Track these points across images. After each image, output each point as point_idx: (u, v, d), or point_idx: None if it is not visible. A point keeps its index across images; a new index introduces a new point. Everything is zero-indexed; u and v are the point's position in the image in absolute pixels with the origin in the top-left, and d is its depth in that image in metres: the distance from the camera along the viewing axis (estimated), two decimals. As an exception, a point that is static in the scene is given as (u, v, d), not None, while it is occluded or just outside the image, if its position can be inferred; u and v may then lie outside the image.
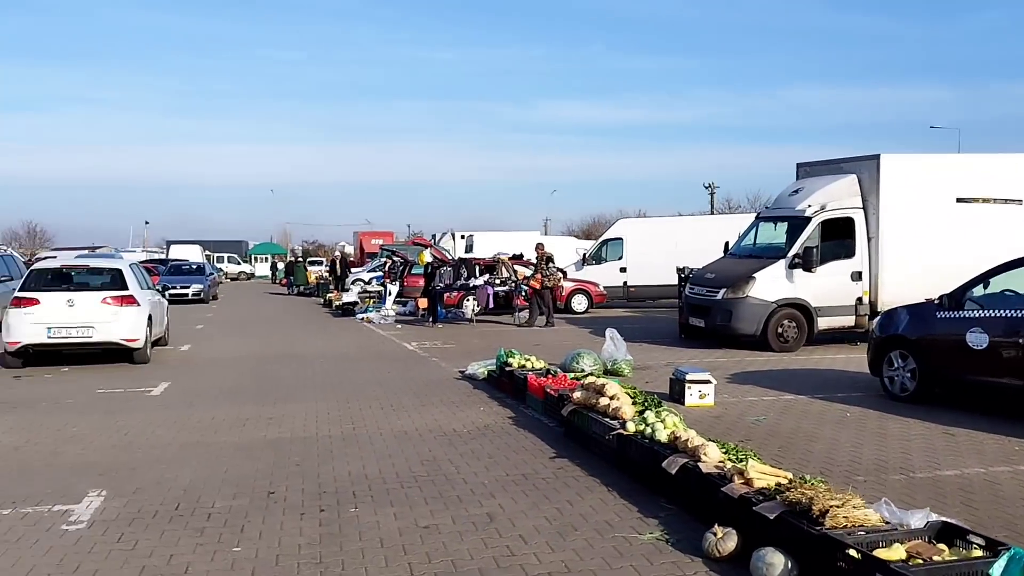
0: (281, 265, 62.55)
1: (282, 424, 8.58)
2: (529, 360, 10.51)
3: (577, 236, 61.78)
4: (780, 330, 14.26)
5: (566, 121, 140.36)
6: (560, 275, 20.41)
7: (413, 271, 29.90)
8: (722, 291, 14.44)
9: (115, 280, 13.42)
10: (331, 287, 32.83)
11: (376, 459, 7.05)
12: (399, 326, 20.62)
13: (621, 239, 26.78)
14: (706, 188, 70.99)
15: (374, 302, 25.78)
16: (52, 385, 11.34)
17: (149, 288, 14.53)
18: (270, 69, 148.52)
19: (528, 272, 24.24)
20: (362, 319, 22.73)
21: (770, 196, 70.86)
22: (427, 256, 25.03)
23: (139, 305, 13.20)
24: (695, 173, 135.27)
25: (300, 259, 52.88)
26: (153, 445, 7.68)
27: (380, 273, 33.56)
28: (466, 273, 23.40)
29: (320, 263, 63.02)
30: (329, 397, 10.17)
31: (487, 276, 21.66)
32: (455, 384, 11.14)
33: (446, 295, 22.83)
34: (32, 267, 13.39)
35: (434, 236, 65.76)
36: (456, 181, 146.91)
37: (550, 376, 9.59)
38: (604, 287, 25.31)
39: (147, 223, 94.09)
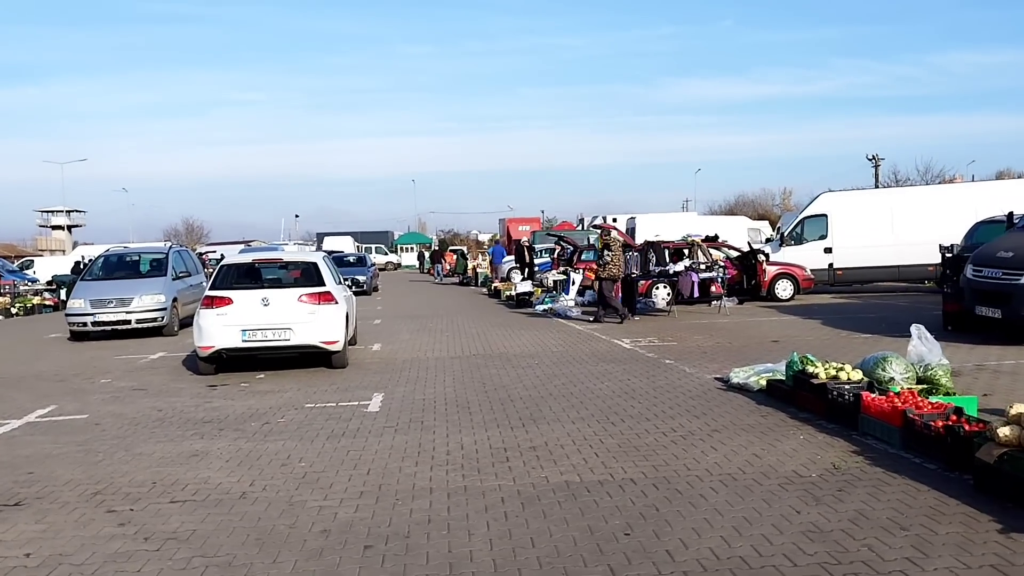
0: (427, 254, 62.20)
1: (555, 457, 6.64)
2: (842, 369, 8.17)
3: (721, 216, 58.24)
4: (1110, 322, 11.28)
5: (697, 100, 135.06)
6: (619, 264, 17.68)
7: (583, 257, 27.98)
8: (1030, 273, 11.56)
9: (310, 275, 11.99)
10: (512, 277, 31.18)
11: (733, 526, 4.97)
12: (591, 318, 18.57)
13: (825, 215, 23.80)
14: (869, 160, 65.45)
15: (550, 293, 23.85)
16: (253, 398, 9.91)
17: (341, 283, 13.06)
18: (400, 63, 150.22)
19: (724, 255, 21.76)
20: (544, 311, 20.86)
21: (946, 167, 64.77)
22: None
23: (337, 303, 11.70)
24: (842, 146, 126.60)
25: (459, 249, 51.82)
26: (411, 492, 5.88)
27: (547, 260, 31.72)
28: (655, 258, 21.10)
29: (458, 251, 62.32)
30: (584, 416, 8.20)
31: (688, 262, 19.28)
32: (728, 398, 8.94)
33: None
34: (222, 263, 12.12)
35: (582, 220, 63.76)
36: (586, 166, 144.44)
37: (891, 394, 7.24)
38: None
39: (297, 216, 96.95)
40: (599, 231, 23.93)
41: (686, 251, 21.25)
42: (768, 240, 32.71)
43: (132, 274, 18.63)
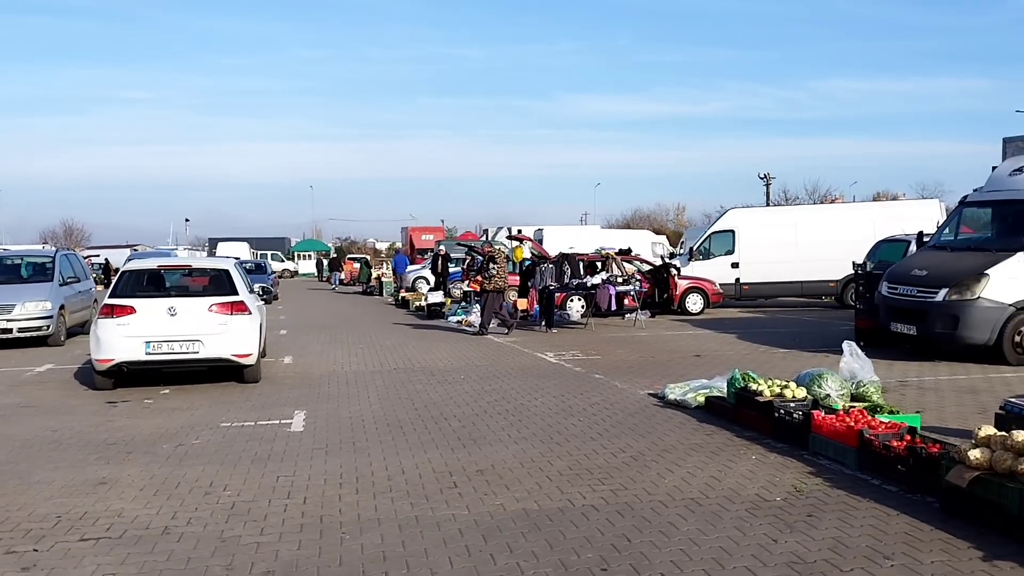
0: (326, 262, 60.73)
1: (506, 482, 6.23)
2: (786, 387, 8.08)
3: (623, 229, 59.20)
4: (1019, 339, 11.70)
5: (595, 115, 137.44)
6: (504, 277, 17.97)
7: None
8: (943, 291, 11.89)
9: (221, 283, 11.17)
10: (418, 287, 30.64)
11: (713, 557, 4.68)
12: (505, 331, 18.24)
13: (732, 231, 24.25)
14: (761, 179, 67.95)
15: (461, 304, 23.41)
16: (160, 416, 9.10)
17: (253, 291, 12.28)
18: (295, 67, 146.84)
19: (636, 269, 21.87)
20: (458, 323, 20.42)
21: (831, 187, 67.71)
22: (525, 251, 22.75)
23: (251, 313, 10.95)
24: (734, 164, 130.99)
25: (363, 257, 50.75)
26: (357, 524, 5.36)
27: (458, 270, 31.30)
28: (570, 271, 20.99)
29: (359, 260, 61.12)
30: (526, 435, 7.83)
31: (604, 274, 19.21)
32: (667, 415, 8.74)
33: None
34: (123, 268, 11.15)
35: (486, 231, 63.63)
36: (484, 177, 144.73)
37: (840, 413, 7.17)
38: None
39: (187, 220, 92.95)
40: (514, 242, 23.73)
41: (599, 264, 21.29)
42: (672, 255, 33.32)
43: (13, 279, 17.12)
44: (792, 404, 7.68)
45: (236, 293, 10.95)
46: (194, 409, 9.44)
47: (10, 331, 15.44)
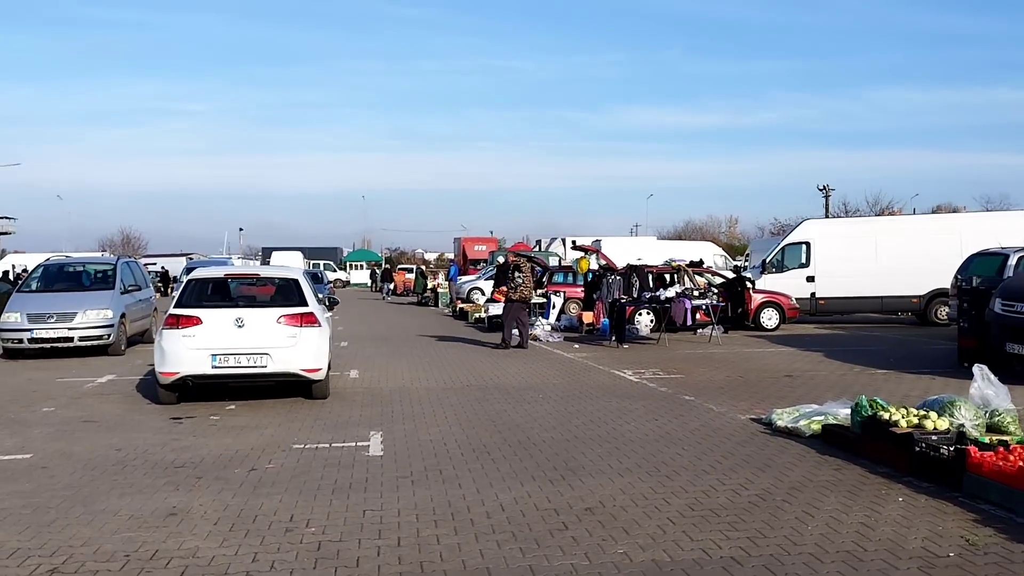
0: (379, 272, 60.66)
1: (623, 524, 5.46)
2: (926, 417, 7.17)
3: (672, 241, 57.98)
4: None
5: (643, 127, 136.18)
6: (529, 287, 17.34)
7: (555, 279, 26.96)
8: (1072, 310, 10.82)
9: (290, 294, 10.61)
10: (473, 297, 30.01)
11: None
12: (576, 346, 17.49)
13: (807, 243, 23.14)
14: (820, 190, 66.26)
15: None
16: (228, 435, 8.52)
17: (321, 302, 11.70)
18: (348, 79, 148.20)
19: (707, 282, 20.93)
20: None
21: (893, 200, 65.55)
22: (592, 263, 21.96)
23: (321, 326, 10.36)
24: (785, 177, 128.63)
25: (422, 267, 50.43)
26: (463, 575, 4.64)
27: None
28: (638, 283, 20.15)
29: (410, 270, 60.85)
30: (629, 466, 7.05)
31: (678, 287, 18.34)
32: (781, 445, 7.88)
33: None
34: (189, 277, 10.66)
35: (539, 242, 63.04)
36: (532, 188, 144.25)
37: (1000, 450, 6.25)
38: (791, 299, 21.78)
39: (241, 230, 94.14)
40: (580, 253, 22.96)
41: (668, 276, 20.43)
42: (736, 267, 32.21)
43: (75, 286, 16.91)
44: (934, 437, 6.79)
45: (305, 304, 10.36)
46: (263, 428, 8.85)
47: (71, 339, 15.14)
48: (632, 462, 7.20)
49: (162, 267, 53.64)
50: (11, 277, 29.22)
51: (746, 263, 36.27)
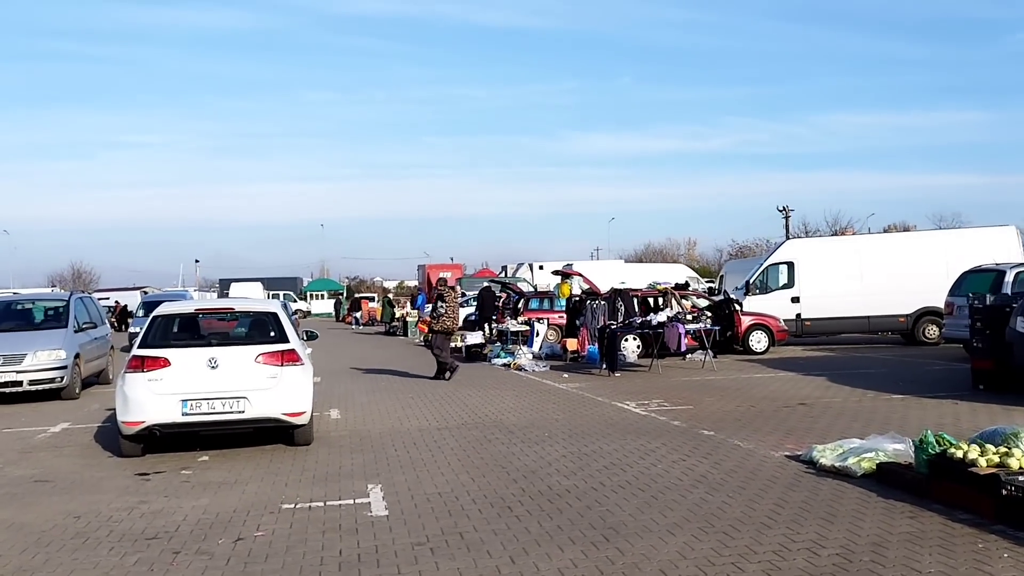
0: (346, 302, 59.37)
1: (700, 603, 4.55)
2: (1008, 455, 6.38)
3: (644, 264, 57.62)
4: None
5: (598, 153, 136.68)
6: (454, 317, 16.64)
7: (531, 305, 26.14)
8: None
9: (268, 329, 9.58)
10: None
11: None
12: (565, 375, 16.60)
13: (791, 263, 22.61)
14: (780, 211, 66.68)
15: (504, 345, 21.71)
16: (204, 494, 7.44)
17: (301, 338, 10.66)
18: (302, 110, 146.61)
19: (691, 304, 20.23)
20: (505, 365, 18.75)
21: (852, 218, 65.97)
22: (574, 287, 21.17)
23: (303, 364, 9.34)
24: (741, 200, 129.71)
25: (388, 296, 49.24)
26: None
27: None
28: (623, 307, 19.37)
29: (372, 299, 59.60)
30: (677, 520, 6.15)
31: (669, 311, 17.57)
32: (835, 489, 7.03)
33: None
34: (155, 312, 9.55)
35: (504, 268, 62.26)
36: (490, 215, 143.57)
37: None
38: (776, 321, 21.16)
39: (197, 261, 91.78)
40: (561, 277, 22.15)
41: (652, 300, 19.72)
42: (710, 290, 31.66)
43: (24, 325, 15.58)
44: (1022, 478, 6.01)
45: (286, 340, 9.33)
46: (244, 483, 7.78)
47: (20, 383, 13.83)
48: (678, 516, 6.29)
49: (116, 301, 51.65)
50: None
51: (714, 284, 35.81)
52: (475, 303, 36.55)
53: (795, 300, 22.30)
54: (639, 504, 6.65)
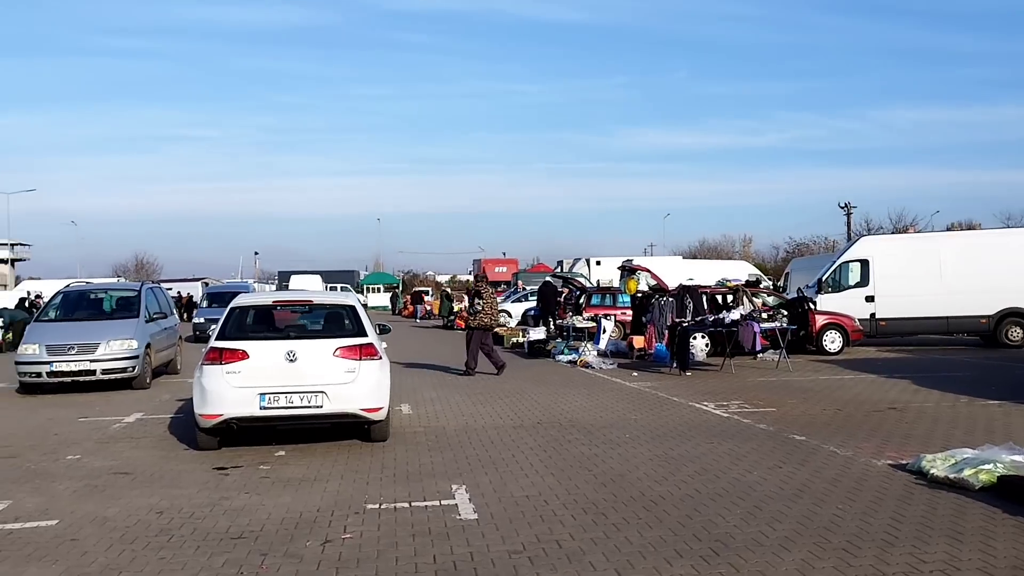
0: (406, 296, 59.56)
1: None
2: None
3: (704, 260, 56.57)
4: None
5: (649, 149, 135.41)
6: (491, 313, 16.29)
7: (592, 301, 25.73)
8: None
9: (346, 322, 9.39)
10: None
11: None
12: (634, 373, 16.20)
13: (866, 260, 21.81)
14: (841, 208, 64.80)
15: (567, 341, 21.32)
16: (285, 491, 7.25)
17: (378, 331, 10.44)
18: (356, 104, 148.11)
19: (769, 301, 19.64)
20: (570, 362, 18.40)
21: (916, 215, 63.87)
22: (641, 283, 20.71)
23: (381, 358, 9.12)
24: (800, 195, 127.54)
25: (446, 290, 49.23)
26: None
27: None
28: (692, 304, 18.86)
29: (426, 292, 59.66)
30: (788, 534, 5.74)
31: (742, 309, 17.02)
32: (954, 503, 6.54)
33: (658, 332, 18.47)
34: (232, 304, 9.41)
35: (560, 263, 61.90)
36: (540, 210, 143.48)
37: None
38: (850, 321, 20.41)
39: (256, 254, 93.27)
40: (627, 272, 21.71)
41: (721, 298, 19.18)
42: (776, 287, 30.86)
43: (97, 315, 15.73)
44: None
45: (364, 334, 9.12)
46: (324, 480, 7.58)
47: (93, 372, 13.93)
48: (788, 528, 5.89)
49: (178, 292, 52.54)
50: (27, 304, 28.18)
51: (784, 283, 34.91)
52: (535, 298, 36.42)
53: (869, 299, 21.50)
54: (742, 514, 6.26)
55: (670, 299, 18.92)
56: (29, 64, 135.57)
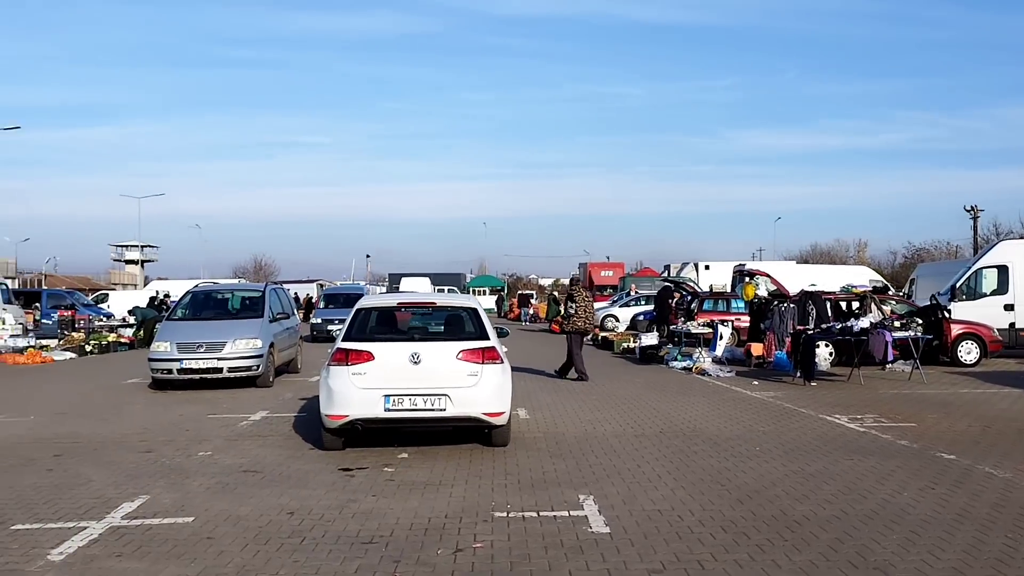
0: (511, 298, 59.83)
1: None
2: None
3: (821, 265, 54.37)
4: None
5: (758, 150, 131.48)
6: (585, 317, 16.01)
7: (705, 307, 25.09)
8: None
9: (468, 325, 9.31)
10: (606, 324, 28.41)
11: None
12: (755, 382, 15.59)
13: (1004, 267, 20.44)
14: (967, 212, 61.12)
15: (679, 347, 20.77)
16: (411, 495, 7.18)
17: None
18: (463, 110, 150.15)
19: (898, 309, 18.61)
20: (685, 369, 17.89)
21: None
22: (759, 289, 20.00)
23: (503, 362, 8.99)
24: (920, 197, 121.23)
25: (554, 294, 49.18)
26: None
27: (652, 309, 28.87)
28: (815, 312, 18.06)
29: (530, 295, 59.61)
30: (949, 561, 5.26)
31: (872, 317, 16.15)
32: None
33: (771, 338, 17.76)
34: (357, 305, 9.48)
35: (667, 267, 60.76)
36: (643, 213, 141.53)
37: None
38: (988, 331, 19.09)
39: (368, 256, 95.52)
40: (745, 277, 21.03)
41: (844, 305, 18.32)
42: (903, 294, 29.32)
43: (223, 314, 16.29)
44: None
45: (486, 337, 9.01)
46: (448, 485, 7.49)
47: (220, 370, 14.38)
48: (953, 558, 5.40)
49: (295, 293, 54.30)
50: (156, 303, 29.62)
51: (909, 290, 33.20)
52: (644, 303, 35.79)
53: (1009, 307, 20.13)
54: (899, 540, 5.78)
55: (791, 305, 18.23)
56: (158, 76, 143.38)
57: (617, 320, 35.40)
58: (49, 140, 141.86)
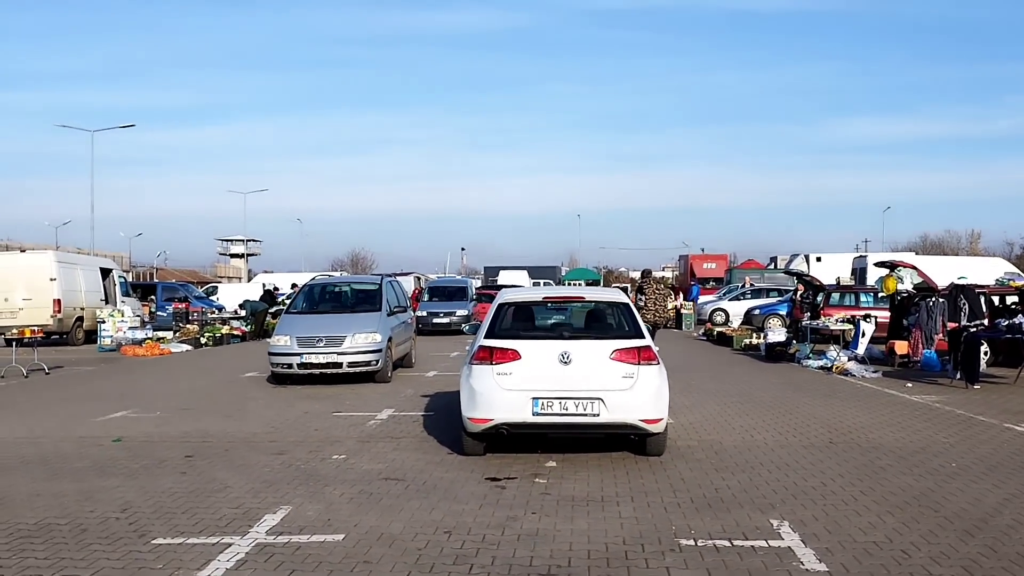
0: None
1: None
2: None
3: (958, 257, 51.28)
4: None
5: (860, 139, 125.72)
6: (657, 311, 15.27)
7: (831, 301, 23.56)
8: None
9: (621, 322, 8.47)
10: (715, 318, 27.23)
11: None
12: (908, 384, 14.24)
13: None
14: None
15: (819, 344, 19.42)
16: (578, 514, 6.39)
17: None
18: (554, 103, 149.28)
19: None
20: (823, 368, 16.59)
21: None
22: (903, 282, 18.49)
23: (659, 363, 8.11)
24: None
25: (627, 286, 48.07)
26: None
27: (783, 301, 27.43)
28: (967, 307, 16.51)
29: (625, 289, 58.21)
30: None
31: (1044, 313, 14.56)
32: None
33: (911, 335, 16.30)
34: (498, 299, 8.75)
35: (774, 259, 58.43)
36: (739, 204, 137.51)
37: None
38: None
39: (463, 249, 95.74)
40: (886, 269, 19.53)
41: (996, 300, 16.68)
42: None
43: (340, 308, 15.89)
44: None
45: (641, 335, 8.14)
46: (612, 502, 6.67)
47: (340, 365, 13.95)
48: None
49: (396, 285, 54.47)
50: (271, 295, 29.95)
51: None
52: (753, 296, 34.22)
53: None
54: None
55: (940, 300, 16.74)
56: (262, 77, 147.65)
57: (726, 313, 33.97)
58: (161, 140, 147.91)
